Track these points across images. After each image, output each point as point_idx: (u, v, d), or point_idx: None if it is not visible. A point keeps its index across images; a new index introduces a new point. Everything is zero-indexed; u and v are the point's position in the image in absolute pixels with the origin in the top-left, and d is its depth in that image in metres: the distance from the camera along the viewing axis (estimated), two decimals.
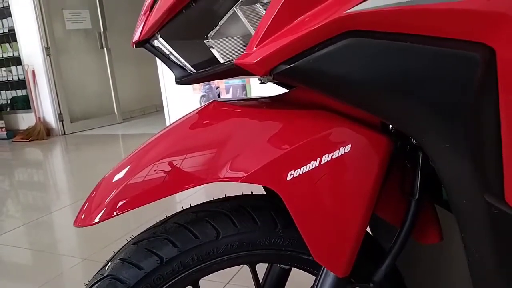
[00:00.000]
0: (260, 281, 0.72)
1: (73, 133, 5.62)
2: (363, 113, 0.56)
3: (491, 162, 0.45)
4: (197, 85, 4.40)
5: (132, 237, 0.64)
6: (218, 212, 0.62)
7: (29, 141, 5.30)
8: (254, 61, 0.46)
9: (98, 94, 6.09)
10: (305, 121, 0.55)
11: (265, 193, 0.70)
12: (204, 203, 0.66)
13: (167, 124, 4.62)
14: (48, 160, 4.42)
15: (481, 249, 0.47)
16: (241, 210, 0.63)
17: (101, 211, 0.54)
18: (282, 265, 0.78)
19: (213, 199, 0.66)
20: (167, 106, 4.65)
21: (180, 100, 4.45)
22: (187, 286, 0.64)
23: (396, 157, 0.59)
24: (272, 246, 0.63)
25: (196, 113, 0.61)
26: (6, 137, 5.66)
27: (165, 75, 4.61)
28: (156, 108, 6.85)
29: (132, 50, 6.94)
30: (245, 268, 0.68)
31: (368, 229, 0.64)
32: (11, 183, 3.55)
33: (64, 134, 5.58)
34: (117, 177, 0.56)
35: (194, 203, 0.67)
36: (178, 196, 2.41)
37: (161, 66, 4.65)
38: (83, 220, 0.55)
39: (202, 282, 0.65)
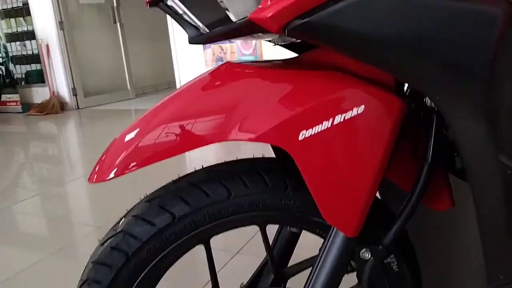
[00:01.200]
0: (270, 244, 0.73)
1: (86, 107, 5.67)
2: (377, 74, 0.55)
3: (507, 122, 0.44)
4: (209, 61, 4.39)
5: (145, 196, 0.65)
6: (230, 173, 0.63)
7: (44, 114, 5.37)
8: (269, 15, 0.46)
9: (111, 70, 6.12)
10: (318, 81, 0.55)
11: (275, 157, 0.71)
12: (216, 164, 0.66)
13: None
14: (62, 133, 4.48)
15: (493, 211, 0.46)
16: (253, 171, 0.63)
17: (114, 168, 0.55)
18: (292, 229, 0.79)
19: (225, 161, 0.67)
20: (180, 82, 4.67)
21: (193, 76, 4.44)
22: (198, 244, 0.65)
23: (410, 120, 0.58)
24: (282, 207, 0.64)
25: (208, 74, 0.61)
26: (21, 111, 5.74)
27: (178, 51, 4.60)
28: (168, 84, 6.87)
29: (145, 26, 6.87)
30: (255, 239, 0.69)
31: (378, 195, 0.65)
32: (26, 155, 3.62)
33: (78, 108, 5.64)
34: (129, 136, 0.57)
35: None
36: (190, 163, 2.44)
37: (174, 42, 4.64)
38: (97, 177, 0.56)
39: (215, 252, 0.66)
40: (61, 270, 1.61)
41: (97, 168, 0.57)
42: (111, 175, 0.55)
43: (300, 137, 0.53)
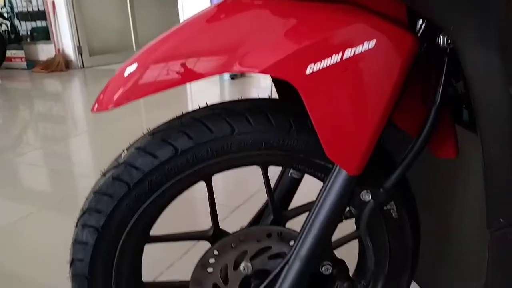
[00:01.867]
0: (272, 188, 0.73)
1: (91, 66, 5.63)
2: (390, 10, 0.54)
3: None
4: None
5: (149, 130, 0.64)
6: (234, 110, 0.62)
7: (49, 72, 5.34)
8: None
9: (117, 30, 6.03)
10: (329, 14, 0.53)
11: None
12: (220, 102, 0.65)
13: None
14: (67, 91, 4.47)
15: (500, 147, 0.46)
16: (257, 110, 0.62)
17: (115, 98, 0.55)
18: (293, 174, 0.79)
19: (229, 100, 0.66)
20: None
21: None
22: (200, 180, 0.65)
23: (421, 62, 0.57)
24: (285, 147, 0.63)
25: (215, 6, 0.60)
26: (26, 67, 5.71)
27: (185, 15, 4.52)
28: None
29: None
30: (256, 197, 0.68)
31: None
32: (31, 112, 3.62)
33: (83, 67, 5.60)
34: (131, 67, 0.56)
35: None
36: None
37: (182, 6, 4.56)
38: (98, 107, 0.56)
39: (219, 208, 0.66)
40: (59, 220, 1.64)
41: (100, 98, 0.57)
42: (112, 105, 0.55)
43: (308, 71, 0.52)
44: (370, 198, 0.61)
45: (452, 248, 0.78)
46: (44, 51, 5.71)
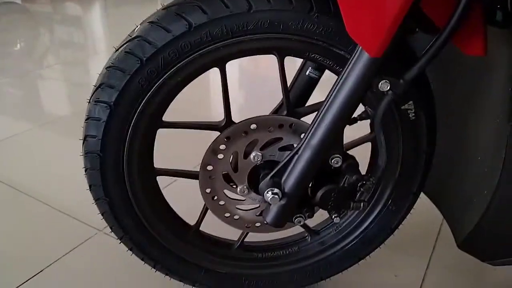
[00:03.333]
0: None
1: None
2: None
3: None
4: None
5: (162, 5, 0.62)
6: None
7: None
8: None
9: None
10: None
11: None
12: None
13: None
14: (87, 14, 4.40)
15: None
16: None
17: None
18: (311, 73, 0.77)
19: None
20: None
21: None
22: (213, 65, 0.64)
23: None
24: (304, 32, 0.61)
25: None
26: None
27: None
28: None
29: None
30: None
31: None
32: (52, 34, 3.60)
33: None
34: None
35: None
36: None
37: None
38: None
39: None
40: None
41: None
42: None
43: None
44: (388, 88, 0.59)
45: (466, 160, 0.76)
46: None
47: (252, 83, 2.16)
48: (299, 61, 0.78)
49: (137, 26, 0.62)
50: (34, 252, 1.02)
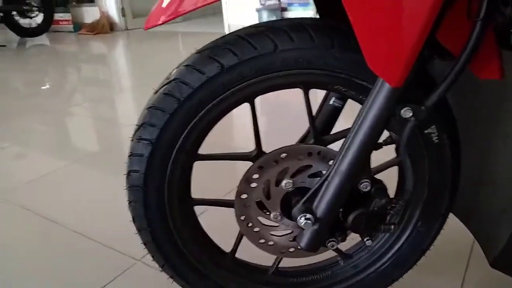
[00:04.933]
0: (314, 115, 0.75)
1: (135, 28, 5.74)
2: None
3: None
4: None
5: (195, 49, 0.68)
6: (277, 27, 0.64)
7: (94, 34, 5.50)
8: None
9: None
10: None
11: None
12: (262, 22, 0.68)
13: (225, 25, 4.63)
14: (111, 52, 4.60)
15: None
16: (299, 27, 0.64)
17: (163, 15, 0.59)
18: (335, 102, 0.81)
19: (271, 20, 0.68)
20: (226, 9, 4.64)
21: (238, 3, 4.49)
22: (244, 101, 0.69)
23: None
24: (327, 67, 0.65)
25: None
26: (72, 30, 5.90)
27: None
28: (214, 10, 6.76)
29: None
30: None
31: None
32: (79, 72, 3.78)
33: (127, 29, 5.72)
34: None
35: None
36: None
37: None
38: (149, 24, 0.61)
39: None
40: (110, 161, 1.75)
41: (150, 17, 0.61)
42: (161, 21, 0.59)
43: None
44: (411, 115, 0.62)
45: (495, 177, 0.78)
46: (89, 14, 5.86)
47: (274, 112, 2.22)
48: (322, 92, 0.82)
49: (172, 70, 0.68)
50: (74, 284, 1.06)
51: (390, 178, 0.74)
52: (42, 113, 2.47)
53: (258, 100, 0.69)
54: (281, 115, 2.18)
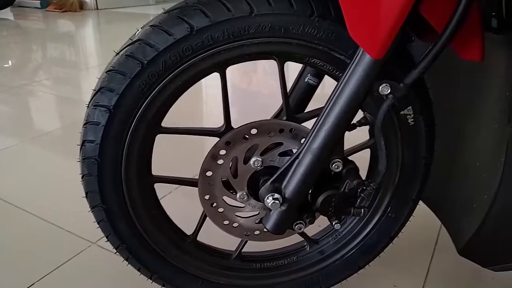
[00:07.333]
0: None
1: (105, 8, 5.52)
2: None
3: None
4: None
5: (164, 9, 0.62)
6: None
7: (62, 11, 5.25)
8: None
9: None
10: None
11: None
12: None
13: None
14: (79, 31, 4.41)
15: None
16: None
17: None
18: (310, 79, 0.77)
19: None
20: None
21: None
22: (214, 69, 0.64)
23: None
24: (305, 36, 0.61)
25: None
26: (39, 6, 5.62)
27: None
28: None
29: None
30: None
31: None
32: (45, 50, 3.60)
33: (97, 9, 5.49)
34: None
35: None
36: None
37: None
38: None
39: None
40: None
41: None
42: None
43: None
44: (389, 91, 0.59)
45: (465, 165, 0.76)
46: None
47: (248, 90, 2.17)
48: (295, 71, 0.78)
49: (138, 30, 0.62)
50: (26, 265, 0.99)
51: (361, 163, 0.71)
52: (0, 90, 2.32)
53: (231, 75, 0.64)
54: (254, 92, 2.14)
